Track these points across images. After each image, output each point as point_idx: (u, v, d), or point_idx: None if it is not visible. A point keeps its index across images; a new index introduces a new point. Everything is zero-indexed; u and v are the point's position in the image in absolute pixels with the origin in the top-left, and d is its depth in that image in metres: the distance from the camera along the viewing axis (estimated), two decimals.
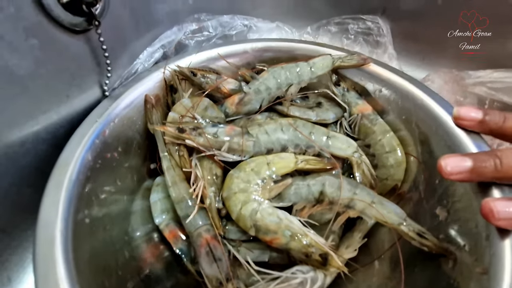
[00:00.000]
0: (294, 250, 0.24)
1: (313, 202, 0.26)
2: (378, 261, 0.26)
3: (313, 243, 0.24)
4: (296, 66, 0.31)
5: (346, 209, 0.25)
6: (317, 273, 0.24)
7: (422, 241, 0.22)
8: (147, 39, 0.30)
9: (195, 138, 0.27)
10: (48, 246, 0.19)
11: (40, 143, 0.23)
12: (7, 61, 0.19)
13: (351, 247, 0.25)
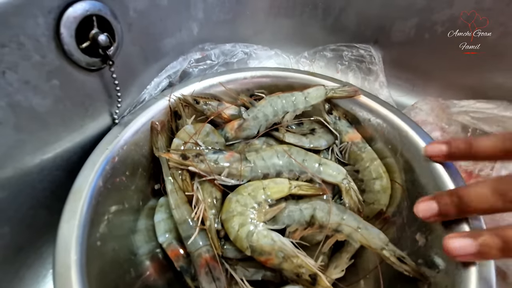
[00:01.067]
0: (286, 270, 0.26)
1: (305, 225, 0.28)
2: (364, 280, 0.29)
3: (304, 264, 0.26)
4: (292, 96, 0.34)
5: (335, 233, 0.27)
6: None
7: (402, 265, 0.24)
8: (154, 70, 0.33)
9: (197, 164, 0.29)
10: (65, 268, 0.21)
11: (55, 169, 0.26)
12: (31, 102, 0.21)
13: (339, 268, 0.28)
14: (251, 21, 0.45)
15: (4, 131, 0.20)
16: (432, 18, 0.39)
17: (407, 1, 0.40)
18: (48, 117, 0.23)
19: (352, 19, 0.44)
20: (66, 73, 0.23)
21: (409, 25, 0.41)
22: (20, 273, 0.25)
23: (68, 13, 0.21)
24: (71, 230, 0.22)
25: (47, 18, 0.20)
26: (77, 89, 0.25)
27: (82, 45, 0.23)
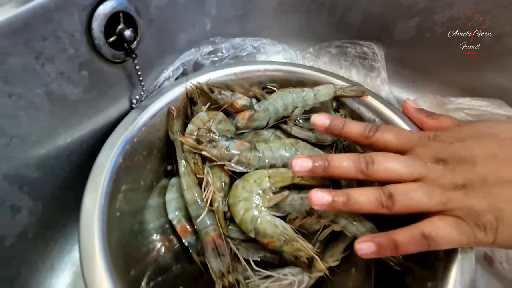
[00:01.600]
0: (286, 253, 0.29)
1: (304, 214, 0.31)
2: (355, 268, 0.31)
3: (302, 248, 0.29)
4: (302, 91, 0.35)
5: (331, 223, 0.30)
6: (304, 276, 0.29)
7: (390, 258, 0.27)
8: (170, 61, 0.34)
9: (210, 149, 0.31)
10: (89, 234, 0.23)
11: (82, 154, 0.28)
12: (64, 91, 0.23)
13: (334, 257, 0.30)
14: (260, 17, 0.46)
15: (40, 117, 0.23)
16: (433, 19, 0.40)
17: (409, 1, 0.41)
18: (77, 105, 0.25)
19: (357, 18, 0.45)
20: (94, 65, 0.25)
21: (411, 25, 0.42)
22: (49, 247, 0.28)
23: (99, 10, 0.23)
24: (94, 200, 0.25)
25: (81, 14, 0.22)
26: (103, 80, 0.27)
27: (110, 39, 0.25)
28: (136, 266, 0.27)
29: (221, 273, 0.28)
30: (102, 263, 0.22)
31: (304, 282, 0.29)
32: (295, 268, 0.30)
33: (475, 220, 0.19)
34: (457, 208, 0.20)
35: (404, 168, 0.22)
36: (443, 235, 0.20)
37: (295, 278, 0.29)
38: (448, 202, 0.20)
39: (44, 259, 0.28)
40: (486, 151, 0.21)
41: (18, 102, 0.21)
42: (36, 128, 0.23)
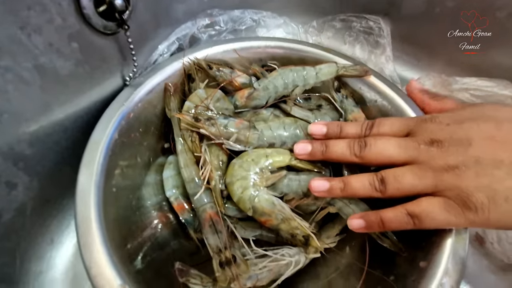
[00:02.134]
0: (283, 231, 0.29)
1: (301, 196, 0.31)
2: (349, 247, 0.32)
3: (299, 226, 0.29)
4: (303, 70, 0.34)
5: (327, 205, 0.30)
6: (301, 256, 0.30)
7: (384, 240, 0.27)
8: (165, 36, 0.33)
9: (208, 127, 0.31)
10: (85, 208, 0.23)
11: (77, 130, 0.28)
12: (54, 64, 0.22)
13: (330, 238, 0.31)
14: None
15: (31, 92, 0.22)
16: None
17: None
18: (69, 80, 0.24)
19: None
20: (84, 36, 0.24)
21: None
22: (47, 222, 0.29)
23: None
24: (89, 176, 0.24)
25: None
26: (95, 53, 0.26)
27: (99, 9, 0.23)
28: (133, 241, 0.27)
29: (218, 248, 0.28)
30: (99, 237, 0.22)
31: (300, 263, 0.30)
32: (292, 249, 0.30)
33: (465, 200, 0.20)
34: (447, 189, 0.20)
35: (395, 151, 0.22)
36: (427, 214, 0.20)
37: (292, 259, 0.30)
38: (439, 183, 0.20)
39: (44, 234, 0.28)
40: (483, 133, 0.20)
41: (5, 75, 0.20)
42: (28, 103, 0.22)
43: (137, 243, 0.28)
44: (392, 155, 0.23)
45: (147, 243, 0.30)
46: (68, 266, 0.30)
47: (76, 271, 0.29)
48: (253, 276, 0.28)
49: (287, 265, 0.29)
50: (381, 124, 0.26)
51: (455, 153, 0.20)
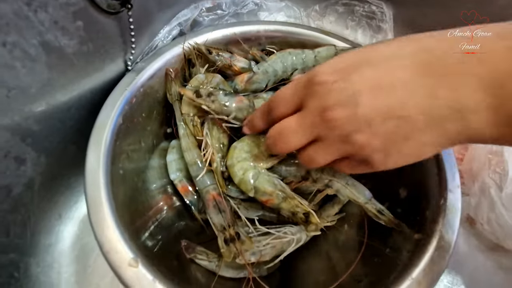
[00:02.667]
0: (284, 209, 0.30)
1: (300, 179, 0.31)
2: (348, 225, 0.33)
3: (299, 204, 0.30)
4: (302, 53, 0.35)
5: (326, 188, 0.31)
6: (302, 234, 0.30)
7: (381, 217, 0.28)
8: (167, 17, 0.33)
9: (209, 103, 0.31)
10: (95, 188, 0.24)
11: (81, 108, 0.28)
12: (60, 42, 0.23)
13: (330, 217, 0.32)
14: None
15: (37, 68, 0.22)
16: None
17: None
18: (74, 58, 0.25)
19: None
20: (88, 14, 0.24)
21: None
22: (55, 198, 0.29)
23: None
24: (97, 158, 0.25)
25: None
26: (98, 32, 0.26)
27: None
28: (141, 220, 0.28)
29: (223, 227, 0.29)
30: (109, 215, 0.23)
31: (302, 240, 0.31)
32: (293, 227, 0.31)
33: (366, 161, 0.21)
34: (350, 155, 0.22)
35: (299, 139, 0.23)
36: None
37: (294, 236, 0.30)
38: (344, 153, 0.22)
39: (52, 209, 0.29)
40: (367, 82, 0.19)
41: (13, 51, 0.20)
42: (35, 80, 0.23)
43: (145, 222, 0.29)
44: (297, 144, 0.23)
45: (154, 223, 0.30)
46: (75, 240, 0.30)
47: (83, 244, 0.30)
48: (257, 252, 0.29)
49: (289, 242, 0.30)
50: (276, 107, 0.24)
51: (347, 121, 0.20)
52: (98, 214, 0.22)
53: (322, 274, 0.29)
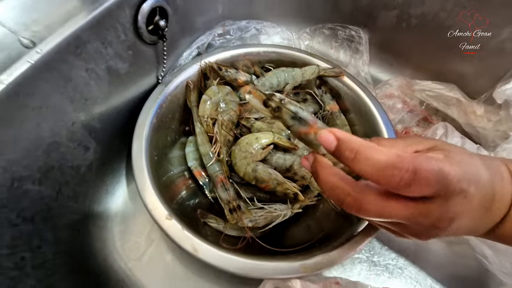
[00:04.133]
0: (278, 191, 0.39)
1: (285, 170, 0.40)
2: (322, 204, 0.42)
3: (290, 187, 0.39)
4: (293, 71, 0.44)
5: (301, 179, 0.40)
6: (288, 210, 0.40)
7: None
8: (188, 42, 0.43)
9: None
10: (139, 168, 0.33)
11: (126, 112, 0.38)
12: (117, 66, 0.32)
13: (310, 198, 0.41)
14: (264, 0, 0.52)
15: (102, 85, 0.32)
16: (409, 12, 0.48)
17: None
18: (125, 76, 0.34)
19: (348, 5, 0.52)
20: (136, 46, 0.34)
21: (391, 15, 0.49)
22: (104, 178, 0.39)
23: (143, 6, 0.31)
24: (140, 147, 0.35)
25: (131, 10, 0.30)
26: (141, 57, 0.36)
27: (149, 28, 0.33)
28: (168, 193, 0.37)
29: (228, 201, 0.38)
30: (150, 186, 0.33)
31: (287, 215, 0.40)
32: (282, 205, 0.40)
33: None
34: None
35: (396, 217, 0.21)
36: None
37: (282, 212, 0.40)
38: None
39: (102, 185, 0.39)
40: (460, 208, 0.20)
41: (91, 74, 0.30)
42: (100, 92, 0.32)
43: (171, 196, 0.38)
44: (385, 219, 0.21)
45: (176, 198, 0.40)
46: (118, 209, 0.40)
47: (123, 212, 0.40)
48: (253, 220, 0.38)
49: (277, 216, 0.40)
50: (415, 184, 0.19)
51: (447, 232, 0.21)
52: (144, 185, 0.32)
53: (301, 236, 0.38)
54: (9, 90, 0.23)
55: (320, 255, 0.30)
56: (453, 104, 0.48)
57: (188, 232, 0.30)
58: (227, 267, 0.29)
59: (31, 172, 0.28)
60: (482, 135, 0.47)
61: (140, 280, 0.36)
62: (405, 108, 0.51)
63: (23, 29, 0.25)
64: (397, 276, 0.40)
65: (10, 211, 0.26)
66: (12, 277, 0.24)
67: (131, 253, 0.37)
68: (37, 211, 0.28)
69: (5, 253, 0.24)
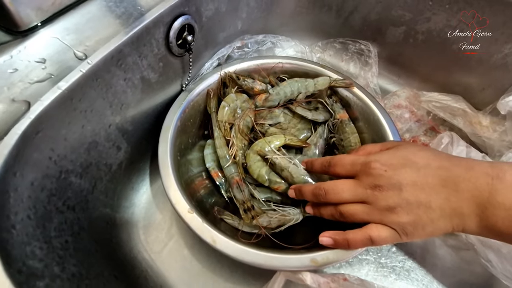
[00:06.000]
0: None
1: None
2: None
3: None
4: (306, 81, 0.48)
5: None
6: (299, 215, 0.43)
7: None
8: (210, 54, 0.47)
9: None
10: (165, 167, 0.37)
11: (153, 116, 0.42)
12: (149, 75, 0.37)
13: None
14: (280, 17, 0.58)
15: (136, 92, 0.37)
16: (415, 28, 0.51)
17: (398, 13, 0.52)
18: (154, 85, 0.39)
19: (358, 21, 0.57)
20: (166, 58, 0.39)
21: (399, 31, 0.53)
22: (131, 176, 0.44)
23: (174, 24, 0.36)
24: (165, 148, 0.39)
25: (165, 27, 0.35)
26: (170, 68, 0.40)
27: (178, 42, 0.38)
28: (189, 190, 0.41)
29: (242, 201, 0.42)
30: (174, 183, 0.37)
31: (299, 220, 0.43)
32: (295, 209, 0.43)
33: (402, 230, 0.28)
34: (391, 223, 0.29)
35: (350, 196, 0.30)
36: (381, 239, 0.29)
37: (294, 216, 0.43)
38: (384, 218, 0.29)
39: (128, 183, 0.43)
40: (409, 179, 0.28)
41: (128, 83, 0.35)
42: (134, 99, 0.37)
43: (191, 193, 0.42)
44: (349, 199, 0.31)
45: (195, 196, 0.44)
46: (142, 205, 0.45)
47: (146, 208, 0.45)
48: (267, 221, 0.41)
49: (290, 220, 0.43)
50: (336, 165, 0.33)
51: (392, 197, 0.28)
52: (169, 182, 0.36)
53: (311, 234, 0.41)
54: (65, 95, 0.28)
55: (329, 250, 0.33)
56: (459, 114, 0.50)
57: (208, 225, 0.34)
58: (242, 257, 0.33)
59: (74, 167, 0.32)
60: (488, 144, 0.50)
61: (161, 271, 0.39)
62: (412, 118, 0.53)
63: (78, 44, 0.30)
64: (404, 278, 0.42)
65: (58, 199, 0.30)
66: (60, 255, 0.28)
67: (154, 246, 0.41)
68: (78, 202, 0.33)
69: (54, 235, 0.28)
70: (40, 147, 0.28)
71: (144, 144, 0.43)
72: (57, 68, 0.30)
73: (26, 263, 0.24)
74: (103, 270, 0.32)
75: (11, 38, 0.29)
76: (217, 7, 0.44)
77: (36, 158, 0.27)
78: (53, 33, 0.31)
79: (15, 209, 0.25)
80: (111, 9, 0.34)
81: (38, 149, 0.28)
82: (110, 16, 0.34)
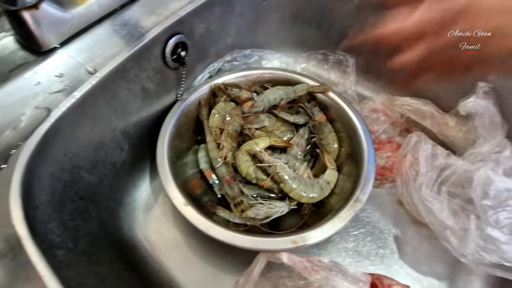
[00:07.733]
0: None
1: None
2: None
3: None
4: (287, 88, 0.55)
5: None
6: (285, 207, 0.48)
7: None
8: (202, 68, 0.55)
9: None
10: (163, 167, 0.44)
11: (152, 122, 0.49)
12: (148, 86, 0.44)
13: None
14: (265, 32, 0.66)
15: (137, 100, 0.44)
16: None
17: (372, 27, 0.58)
18: (153, 94, 0.46)
19: (336, 34, 0.64)
20: (163, 70, 0.46)
21: (373, 43, 0.59)
22: (132, 174, 0.50)
23: (169, 42, 0.43)
24: (162, 151, 0.45)
25: (161, 45, 0.43)
26: (166, 79, 0.48)
27: (173, 57, 0.45)
28: (185, 188, 0.47)
29: (233, 196, 0.48)
30: (171, 180, 0.43)
31: (285, 211, 0.49)
32: (280, 202, 0.49)
33: None
34: None
35: None
36: None
37: (279, 209, 0.49)
38: None
39: (130, 180, 0.49)
40: None
41: (130, 92, 0.42)
42: (135, 106, 0.44)
43: (188, 191, 0.48)
44: None
45: (193, 193, 0.50)
46: (142, 200, 0.51)
47: (146, 203, 0.50)
48: (255, 213, 0.47)
49: (276, 211, 0.48)
50: None
51: None
52: (166, 179, 0.42)
53: (295, 223, 0.47)
54: (78, 102, 0.35)
55: (307, 231, 0.39)
56: (428, 116, 0.57)
57: (201, 216, 0.39)
58: (232, 241, 0.38)
59: (84, 163, 0.39)
60: (455, 143, 0.56)
61: (160, 257, 0.45)
62: (387, 121, 0.60)
63: (89, 61, 0.38)
64: (378, 264, 0.47)
65: (70, 190, 0.36)
66: (73, 235, 0.34)
67: (152, 235, 0.47)
68: (87, 193, 0.39)
69: (68, 218, 0.34)
70: (57, 145, 0.34)
71: (144, 146, 0.50)
72: (72, 81, 0.37)
73: (47, 236, 0.29)
74: (107, 253, 0.38)
75: (35, 57, 0.37)
76: (208, 26, 0.51)
77: (54, 154, 0.34)
78: (69, 53, 0.38)
79: (38, 194, 0.31)
80: (117, 31, 0.42)
81: (56, 147, 0.34)
82: (115, 37, 0.41)
